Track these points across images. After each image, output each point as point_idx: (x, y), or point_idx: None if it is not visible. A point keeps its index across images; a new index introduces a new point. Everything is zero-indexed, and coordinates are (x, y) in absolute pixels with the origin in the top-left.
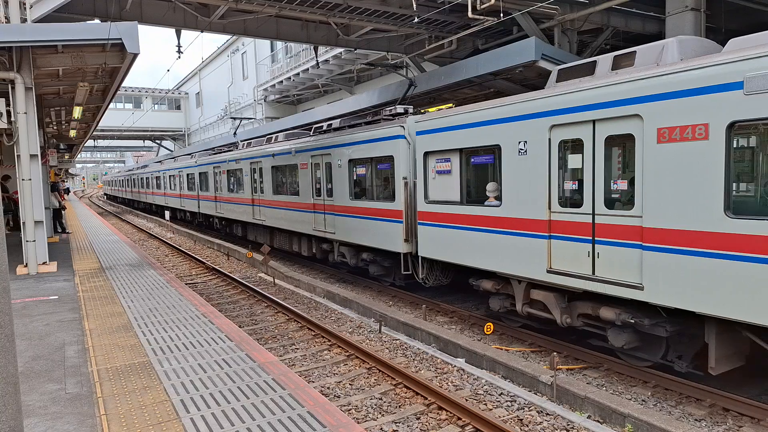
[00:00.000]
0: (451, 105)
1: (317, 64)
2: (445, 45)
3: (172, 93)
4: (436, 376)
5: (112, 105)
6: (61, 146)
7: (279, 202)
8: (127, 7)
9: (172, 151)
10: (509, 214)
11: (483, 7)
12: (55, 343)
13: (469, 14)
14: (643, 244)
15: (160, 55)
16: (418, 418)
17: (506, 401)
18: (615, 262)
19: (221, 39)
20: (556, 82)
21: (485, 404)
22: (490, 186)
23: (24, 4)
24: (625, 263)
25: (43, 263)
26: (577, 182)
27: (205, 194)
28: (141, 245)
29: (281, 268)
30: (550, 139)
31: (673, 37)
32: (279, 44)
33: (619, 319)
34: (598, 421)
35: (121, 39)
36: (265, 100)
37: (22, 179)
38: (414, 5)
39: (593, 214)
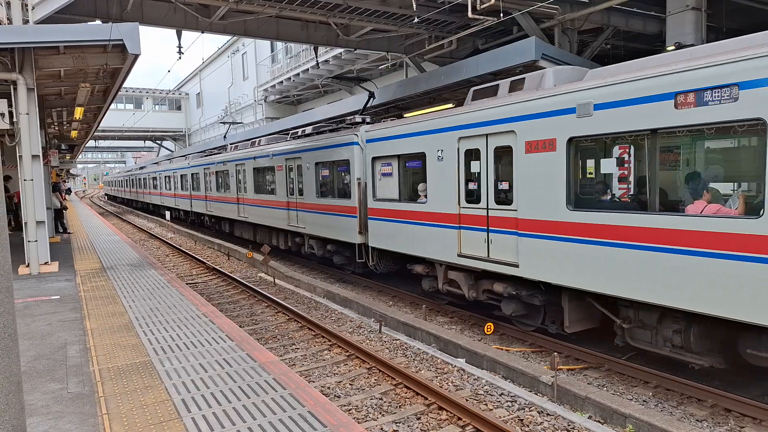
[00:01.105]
0: (452, 105)
1: (317, 64)
2: (445, 45)
3: (173, 93)
4: (437, 376)
5: (113, 105)
6: (63, 147)
7: (260, 201)
8: (128, 8)
9: (172, 151)
10: (432, 209)
11: (483, 7)
12: (56, 343)
13: (469, 14)
14: (518, 232)
15: (160, 56)
16: (419, 418)
17: (507, 401)
18: (501, 247)
19: (221, 40)
20: (471, 100)
21: (486, 404)
22: (420, 186)
23: (26, 5)
24: (508, 247)
25: (45, 263)
26: (476, 183)
27: (196, 194)
28: (142, 245)
29: (281, 268)
30: (458, 149)
31: (675, 36)
32: (279, 45)
33: (506, 292)
34: (599, 422)
35: (122, 40)
36: (265, 101)
37: (24, 180)
38: (414, 5)
39: (487, 209)
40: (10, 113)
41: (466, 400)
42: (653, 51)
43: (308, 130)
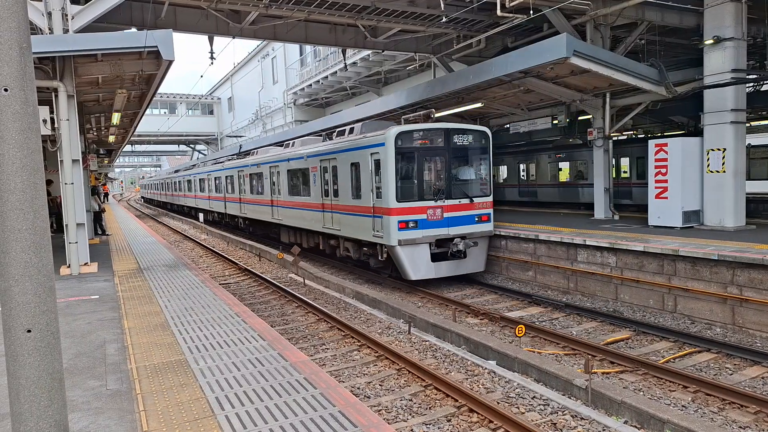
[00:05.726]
0: (481, 104)
1: (345, 66)
2: (473, 44)
3: (206, 98)
4: (467, 378)
5: (148, 111)
6: (101, 151)
7: (201, 196)
8: (162, 16)
9: (205, 155)
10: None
11: (512, 4)
12: (96, 341)
13: (498, 12)
14: (209, 199)
15: (193, 62)
16: (449, 420)
17: (539, 405)
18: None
19: (252, 44)
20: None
21: (517, 408)
22: (226, 189)
23: (66, 15)
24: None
25: (85, 264)
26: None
27: (180, 193)
28: (176, 246)
29: (311, 269)
30: (239, 175)
31: (713, 29)
32: (308, 48)
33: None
34: (635, 427)
35: (156, 46)
36: (294, 104)
37: (65, 183)
38: (442, 5)
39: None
40: (52, 119)
41: (498, 403)
42: (690, 46)
43: (223, 159)
